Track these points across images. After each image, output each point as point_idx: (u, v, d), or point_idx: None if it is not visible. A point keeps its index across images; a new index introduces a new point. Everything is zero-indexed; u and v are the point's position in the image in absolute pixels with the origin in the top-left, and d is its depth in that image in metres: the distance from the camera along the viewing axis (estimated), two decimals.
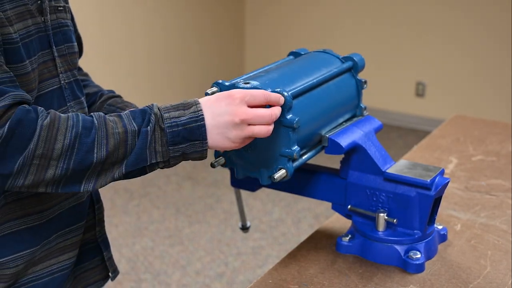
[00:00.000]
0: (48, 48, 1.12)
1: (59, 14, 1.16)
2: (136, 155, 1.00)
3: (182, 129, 1.00)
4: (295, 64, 1.26)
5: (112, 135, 0.98)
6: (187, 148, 1.02)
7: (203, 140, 1.01)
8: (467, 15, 4.77)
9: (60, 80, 1.15)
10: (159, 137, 1.00)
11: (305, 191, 1.31)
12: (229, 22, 5.64)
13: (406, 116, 5.23)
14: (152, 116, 1.00)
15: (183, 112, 1.02)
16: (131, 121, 1.00)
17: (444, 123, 2.10)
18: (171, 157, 1.02)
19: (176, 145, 1.01)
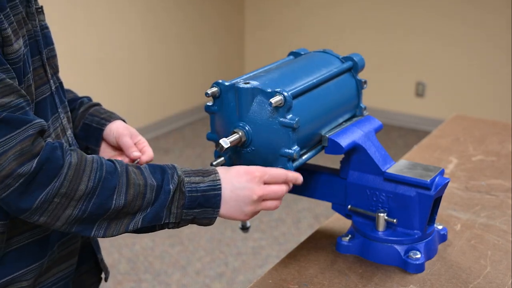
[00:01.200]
0: (37, 54, 1.09)
1: (40, 16, 1.12)
2: (154, 212, 1.00)
3: (200, 195, 1.02)
4: (295, 64, 1.26)
5: (132, 185, 0.99)
6: (200, 214, 1.04)
7: (216, 208, 1.04)
8: (467, 15, 4.77)
9: (51, 86, 1.12)
10: (177, 199, 1.01)
11: (305, 191, 1.31)
12: (229, 22, 5.64)
13: (406, 116, 5.23)
14: (175, 177, 1.02)
15: (203, 178, 1.04)
16: (150, 175, 1.01)
17: (444, 123, 2.10)
18: (182, 220, 1.03)
19: (191, 209, 1.03)
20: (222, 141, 1.07)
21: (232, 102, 1.11)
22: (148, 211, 1.00)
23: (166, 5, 4.93)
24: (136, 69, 4.80)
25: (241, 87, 1.09)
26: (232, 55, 5.77)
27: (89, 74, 4.40)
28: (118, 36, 4.60)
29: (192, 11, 5.19)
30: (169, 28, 5.00)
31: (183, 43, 5.16)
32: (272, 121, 1.08)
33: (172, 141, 4.85)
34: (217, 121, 1.15)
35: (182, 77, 5.23)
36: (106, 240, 3.40)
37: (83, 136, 1.28)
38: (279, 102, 1.06)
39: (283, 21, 5.55)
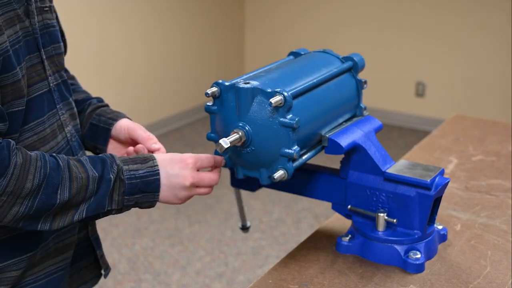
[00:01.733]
0: (36, 51, 1.11)
1: (45, 15, 1.15)
2: (97, 201, 1.05)
3: (139, 181, 1.07)
4: (295, 64, 1.26)
5: (75, 179, 1.02)
6: (141, 199, 1.08)
7: (156, 192, 1.09)
8: (467, 15, 4.77)
9: (49, 82, 1.14)
10: (117, 187, 1.06)
11: (305, 191, 1.31)
12: (229, 22, 5.64)
13: (406, 116, 5.23)
14: (114, 166, 1.06)
15: (141, 165, 1.08)
16: (91, 167, 1.05)
17: (444, 123, 2.10)
18: (124, 206, 1.08)
19: (132, 195, 1.07)
20: (222, 141, 1.07)
21: (232, 102, 1.11)
22: (92, 201, 1.04)
23: (166, 5, 4.93)
24: (136, 70, 4.79)
25: (241, 87, 1.09)
26: (232, 55, 5.77)
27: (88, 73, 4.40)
28: (118, 36, 4.60)
29: (192, 11, 5.19)
30: (169, 28, 5.00)
31: (183, 43, 5.16)
32: (272, 121, 1.08)
33: (172, 141, 4.85)
34: (217, 121, 1.15)
35: (182, 77, 5.23)
36: (106, 240, 3.40)
37: (90, 136, 1.30)
38: (279, 102, 1.06)
39: (283, 21, 5.55)
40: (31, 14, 1.10)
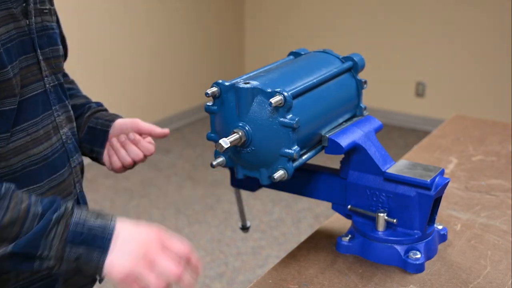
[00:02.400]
0: (32, 51, 1.10)
1: (44, 16, 1.15)
2: (28, 238, 0.91)
3: (86, 231, 0.93)
4: (295, 64, 1.26)
5: (12, 210, 0.91)
6: (84, 255, 0.93)
7: (105, 250, 0.92)
8: (468, 15, 4.77)
9: (45, 83, 1.13)
10: (61, 230, 0.92)
11: (305, 191, 1.31)
12: (229, 22, 5.64)
13: (406, 116, 5.23)
14: (62, 207, 0.94)
15: (96, 217, 0.95)
16: (38, 203, 0.94)
17: (444, 123, 2.10)
18: (64, 258, 0.93)
19: (74, 245, 0.92)
20: (222, 141, 1.07)
21: (232, 102, 1.11)
22: (23, 237, 0.91)
23: (167, 5, 4.93)
24: (136, 69, 4.80)
25: (241, 87, 1.09)
26: (232, 55, 5.77)
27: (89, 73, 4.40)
28: (118, 37, 4.60)
29: (192, 11, 5.19)
30: (169, 28, 5.00)
31: (183, 43, 5.16)
32: (272, 121, 1.08)
33: (172, 141, 4.85)
34: (217, 121, 1.15)
35: (182, 77, 5.23)
36: None
37: (88, 139, 1.30)
38: (279, 102, 1.06)
39: (283, 21, 5.55)
40: (29, 14, 1.09)
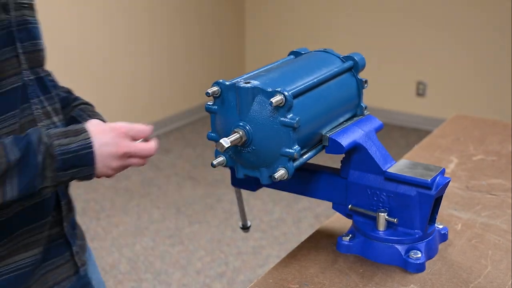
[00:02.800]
0: (12, 44, 1.12)
1: (24, 11, 1.15)
2: (26, 182, 1.02)
3: (71, 156, 1.05)
4: (295, 63, 1.26)
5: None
6: (76, 174, 1.07)
7: (91, 165, 1.07)
8: (468, 15, 4.76)
9: (23, 76, 1.14)
10: (49, 164, 1.03)
11: (305, 190, 1.31)
12: (229, 22, 5.64)
13: (406, 116, 5.23)
14: (41, 146, 1.03)
15: (73, 139, 1.06)
16: (14, 147, 1.02)
17: (445, 122, 2.10)
18: (59, 182, 1.06)
19: (66, 170, 1.05)
20: (222, 141, 1.07)
21: (232, 101, 1.11)
22: (18, 182, 1.02)
23: (167, 5, 4.93)
24: (136, 69, 4.80)
25: (241, 86, 1.09)
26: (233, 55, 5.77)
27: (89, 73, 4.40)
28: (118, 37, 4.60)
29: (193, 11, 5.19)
30: (169, 28, 5.00)
31: (184, 43, 5.16)
32: (272, 120, 1.08)
33: (172, 141, 4.85)
34: (218, 120, 1.15)
35: (183, 76, 5.23)
36: (106, 239, 3.40)
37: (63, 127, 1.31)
38: (280, 102, 1.06)
39: (284, 21, 5.55)
40: (8, 7, 1.11)
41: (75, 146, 1.05)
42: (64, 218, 1.28)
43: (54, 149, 1.04)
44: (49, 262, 1.26)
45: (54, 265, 1.26)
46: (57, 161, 1.04)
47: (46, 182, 1.05)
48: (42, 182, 1.04)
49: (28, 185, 1.03)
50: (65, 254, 1.29)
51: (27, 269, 1.19)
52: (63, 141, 1.05)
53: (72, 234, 1.31)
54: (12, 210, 1.15)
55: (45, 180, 1.04)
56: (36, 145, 1.03)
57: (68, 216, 1.29)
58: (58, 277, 1.27)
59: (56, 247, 1.27)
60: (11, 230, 1.16)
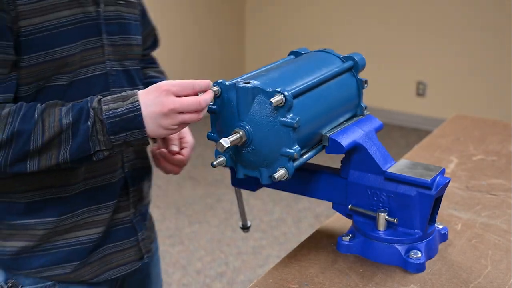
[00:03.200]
0: (97, 35, 1.20)
1: (119, 7, 1.25)
2: (77, 145, 1.09)
3: (119, 120, 1.08)
4: (295, 63, 1.26)
5: (47, 129, 1.08)
6: (128, 137, 1.10)
7: (142, 129, 1.09)
8: (468, 15, 4.77)
9: (106, 66, 1.23)
10: (100, 128, 1.09)
11: (305, 190, 1.31)
12: (229, 22, 5.64)
13: (406, 116, 5.23)
14: (91, 111, 1.09)
15: (121, 103, 1.09)
16: (68, 113, 1.09)
17: (445, 122, 2.10)
18: (114, 145, 1.10)
19: (117, 134, 1.09)
20: (222, 141, 1.07)
21: (232, 101, 1.11)
22: (71, 145, 1.09)
23: (166, 4, 4.93)
24: None
25: (241, 86, 1.09)
26: (233, 55, 5.77)
27: None
28: None
29: (193, 11, 5.19)
30: (169, 27, 5.00)
31: (183, 43, 5.16)
32: (272, 120, 1.08)
33: None
34: (218, 120, 1.15)
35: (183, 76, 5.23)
36: None
37: None
38: (280, 102, 1.06)
39: (284, 21, 5.55)
40: (98, 2, 1.20)
41: (122, 110, 1.08)
42: (131, 204, 1.34)
43: (103, 113, 1.08)
44: (115, 244, 1.32)
45: (119, 247, 1.33)
46: (105, 124, 1.08)
47: (99, 145, 1.10)
48: (95, 146, 1.09)
49: (80, 149, 1.09)
50: (131, 239, 1.35)
51: (87, 246, 1.27)
52: (111, 106, 1.09)
53: (139, 221, 1.36)
54: (78, 187, 1.23)
55: (98, 144, 1.09)
56: (86, 111, 1.09)
57: (136, 204, 1.35)
58: (122, 260, 1.34)
59: (123, 231, 1.33)
60: (76, 206, 1.24)
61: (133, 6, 1.31)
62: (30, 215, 1.22)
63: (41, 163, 1.10)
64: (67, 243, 1.25)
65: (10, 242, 1.23)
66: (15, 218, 1.22)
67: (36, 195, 1.21)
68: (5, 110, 1.09)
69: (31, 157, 1.09)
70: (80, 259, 1.27)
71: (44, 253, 1.24)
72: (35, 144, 1.08)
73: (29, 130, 1.08)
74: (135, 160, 1.34)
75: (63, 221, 1.24)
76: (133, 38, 1.30)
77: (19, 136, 1.07)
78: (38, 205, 1.22)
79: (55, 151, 1.09)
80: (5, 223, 1.23)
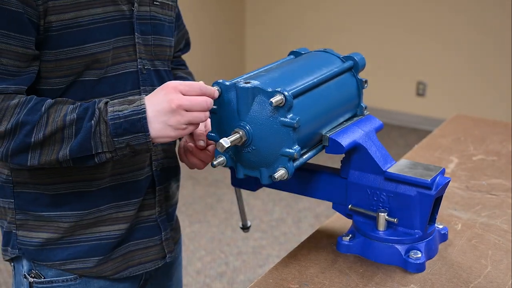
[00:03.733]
0: (130, 34, 1.21)
1: (154, 7, 1.27)
2: (79, 144, 1.08)
3: (123, 121, 1.07)
4: (295, 63, 1.26)
5: (51, 123, 1.08)
6: (131, 140, 1.08)
7: (145, 132, 1.07)
8: (468, 15, 4.76)
9: (138, 65, 1.23)
10: (104, 129, 1.08)
11: (305, 190, 1.31)
12: (229, 21, 5.64)
13: (407, 116, 5.23)
14: (96, 111, 1.08)
15: (127, 106, 1.09)
16: (74, 111, 1.09)
17: (445, 122, 2.10)
18: (117, 148, 1.09)
19: (120, 136, 1.08)
20: (222, 141, 1.07)
21: (232, 101, 1.11)
22: (72, 143, 1.08)
23: None
24: None
25: (241, 86, 1.09)
26: (233, 55, 5.77)
27: None
28: None
29: (193, 11, 5.19)
30: None
31: None
32: (272, 120, 1.08)
33: None
34: (218, 120, 1.15)
35: None
36: None
37: None
38: (280, 102, 1.06)
39: (284, 21, 5.55)
40: (133, 1, 1.21)
41: (127, 112, 1.07)
42: (157, 203, 1.34)
43: (108, 114, 1.08)
44: (138, 241, 1.33)
45: (142, 245, 1.34)
46: (109, 126, 1.07)
47: (102, 147, 1.09)
48: (98, 147, 1.09)
49: (81, 147, 1.08)
50: (155, 238, 1.35)
51: (110, 241, 1.28)
52: (117, 108, 1.08)
53: (164, 221, 1.37)
54: (105, 183, 1.24)
55: (100, 145, 1.08)
56: (91, 111, 1.09)
57: (162, 203, 1.35)
58: (144, 258, 1.34)
59: (147, 229, 1.34)
60: (101, 201, 1.25)
61: (168, 8, 1.32)
62: (56, 207, 1.23)
63: (41, 157, 1.10)
64: (91, 237, 1.26)
65: (36, 233, 1.25)
66: (42, 210, 1.24)
67: (63, 187, 1.23)
68: (15, 100, 1.09)
69: (33, 150, 1.09)
70: (103, 254, 1.28)
71: (68, 246, 1.26)
72: (36, 136, 1.08)
73: (33, 122, 1.08)
74: (163, 159, 1.34)
75: (88, 215, 1.25)
76: (166, 39, 1.31)
77: (23, 126, 1.08)
78: (64, 197, 1.23)
79: (56, 146, 1.09)
80: (32, 214, 1.24)
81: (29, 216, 1.25)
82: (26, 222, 1.25)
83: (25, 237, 1.26)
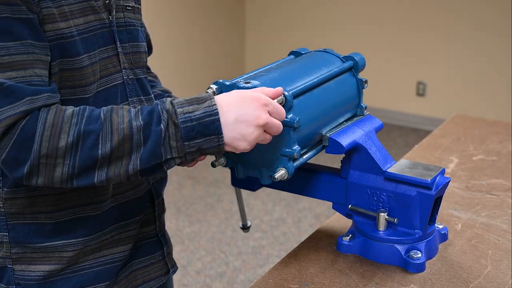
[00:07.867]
0: (112, 43, 1.15)
1: (127, 13, 1.20)
2: (148, 151, 0.99)
3: (196, 123, 0.99)
4: (295, 63, 1.26)
5: (116, 131, 0.98)
6: (203, 143, 1.00)
7: (219, 135, 1.00)
8: (468, 15, 4.76)
9: (123, 75, 1.17)
10: (173, 133, 0.99)
11: (305, 190, 1.31)
12: (229, 21, 5.64)
13: (407, 116, 5.23)
14: (164, 113, 0.99)
15: (197, 106, 1.00)
16: (138, 116, 1.00)
17: (445, 122, 2.10)
18: (187, 153, 1.01)
19: (191, 140, 0.99)
20: None
21: None
22: (142, 151, 0.99)
23: (167, 5, 4.93)
24: None
25: (241, 86, 1.09)
26: (233, 55, 5.77)
27: None
28: None
29: (192, 11, 5.19)
30: (169, 27, 5.00)
31: (183, 43, 5.16)
32: None
33: None
34: None
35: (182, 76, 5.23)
36: None
37: None
38: (280, 102, 1.06)
39: (284, 21, 5.55)
40: (111, 8, 1.14)
41: (199, 113, 0.99)
42: (157, 217, 1.31)
43: (178, 116, 0.99)
44: (140, 259, 1.27)
45: (144, 263, 1.28)
46: (180, 129, 0.99)
47: (171, 152, 1.00)
48: (167, 153, 1.00)
49: (152, 156, 0.99)
50: (157, 254, 1.31)
51: (116, 264, 1.21)
52: (186, 109, 0.99)
53: (164, 236, 1.34)
54: (108, 204, 1.17)
55: (170, 151, 1.00)
56: (159, 113, 1.00)
57: (160, 216, 1.33)
58: (148, 276, 1.29)
59: (148, 246, 1.29)
60: (105, 224, 1.18)
61: (138, 12, 1.25)
62: (59, 236, 1.14)
63: (109, 172, 0.99)
64: (96, 263, 1.18)
65: (36, 266, 1.14)
66: (42, 241, 1.13)
67: (65, 214, 1.13)
68: (68, 110, 0.99)
69: (100, 165, 0.98)
70: (110, 279, 1.20)
71: (72, 276, 1.17)
72: (103, 148, 0.97)
73: (97, 131, 0.97)
74: None
75: (92, 240, 1.16)
76: (141, 45, 1.24)
77: (86, 137, 0.97)
78: (67, 224, 1.14)
79: (126, 159, 0.99)
80: (30, 246, 1.14)
81: (26, 249, 1.14)
82: (24, 255, 1.14)
83: (24, 271, 1.14)
